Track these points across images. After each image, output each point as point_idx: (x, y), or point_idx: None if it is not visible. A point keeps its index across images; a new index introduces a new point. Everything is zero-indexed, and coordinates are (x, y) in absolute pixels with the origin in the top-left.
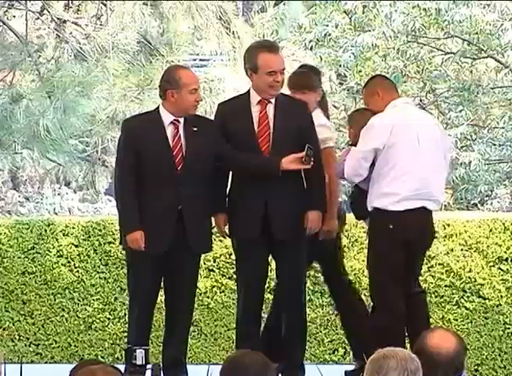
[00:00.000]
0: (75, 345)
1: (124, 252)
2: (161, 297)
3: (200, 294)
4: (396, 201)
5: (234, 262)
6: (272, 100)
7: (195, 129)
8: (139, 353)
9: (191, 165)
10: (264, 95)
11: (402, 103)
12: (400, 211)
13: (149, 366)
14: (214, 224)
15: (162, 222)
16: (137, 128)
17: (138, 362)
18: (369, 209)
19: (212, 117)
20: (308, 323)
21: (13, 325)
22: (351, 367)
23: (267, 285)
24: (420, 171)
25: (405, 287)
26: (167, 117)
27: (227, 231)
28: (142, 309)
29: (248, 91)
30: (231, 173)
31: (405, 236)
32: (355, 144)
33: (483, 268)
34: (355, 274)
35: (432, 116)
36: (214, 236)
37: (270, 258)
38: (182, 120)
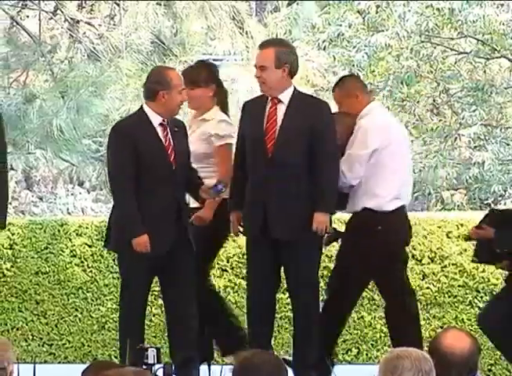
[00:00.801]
0: (88, 345)
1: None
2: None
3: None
4: (388, 201)
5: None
6: (285, 99)
7: (176, 130)
8: (151, 352)
9: (183, 165)
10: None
11: (379, 105)
12: (389, 211)
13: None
14: None
15: (162, 222)
16: (131, 130)
17: (150, 361)
18: (358, 209)
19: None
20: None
21: (27, 325)
22: (364, 367)
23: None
24: (404, 171)
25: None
26: (155, 119)
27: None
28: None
29: None
30: None
31: (391, 238)
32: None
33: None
34: None
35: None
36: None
37: None
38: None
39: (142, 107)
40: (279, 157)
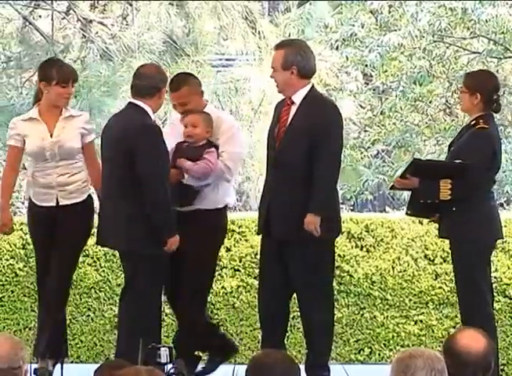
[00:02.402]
0: (101, 345)
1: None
2: None
3: (226, 293)
4: None
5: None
6: (297, 100)
7: None
8: (163, 351)
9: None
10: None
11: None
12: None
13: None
14: None
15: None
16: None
17: (163, 360)
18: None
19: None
20: (334, 323)
21: None
22: (376, 367)
23: None
24: None
25: None
26: (152, 116)
27: None
28: (159, 307)
29: None
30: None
31: None
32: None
33: (509, 268)
34: (380, 274)
35: None
36: (239, 236)
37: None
38: None
39: (136, 104)
40: (282, 157)
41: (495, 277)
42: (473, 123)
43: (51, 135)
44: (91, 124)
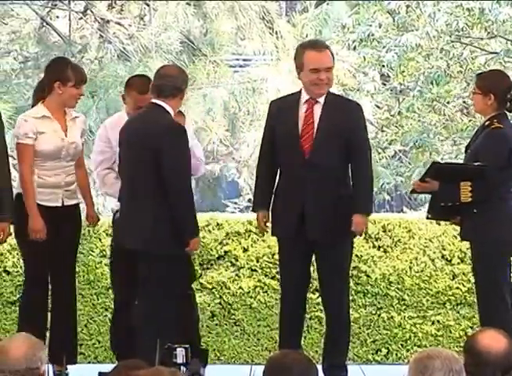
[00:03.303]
0: None
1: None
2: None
3: (243, 294)
4: None
5: (277, 262)
6: (321, 100)
7: None
8: (180, 352)
9: None
10: (310, 93)
11: None
12: None
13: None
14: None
15: None
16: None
17: (179, 360)
18: None
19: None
20: (351, 323)
21: None
22: (393, 368)
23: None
24: None
25: None
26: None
27: (268, 228)
28: (177, 307)
29: (300, 90)
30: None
31: None
32: None
33: None
34: (398, 274)
35: None
36: (257, 237)
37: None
38: None
39: (159, 105)
40: (317, 158)
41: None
42: (487, 123)
43: (65, 135)
44: (85, 126)
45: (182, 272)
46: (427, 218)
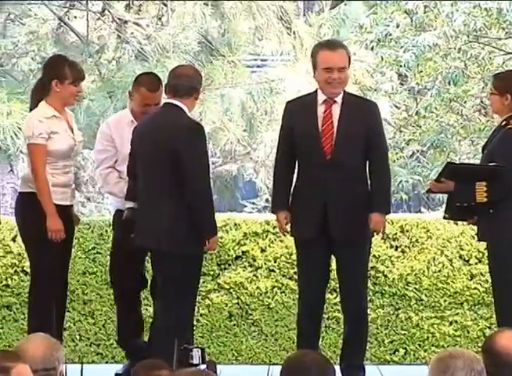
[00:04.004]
0: None
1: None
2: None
3: (261, 294)
4: None
5: (295, 262)
6: (338, 100)
7: None
8: (196, 352)
9: None
10: (325, 93)
11: None
12: None
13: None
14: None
15: None
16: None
17: (195, 361)
18: None
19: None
20: (369, 324)
21: (74, 325)
22: (411, 368)
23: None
24: None
25: None
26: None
27: (288, 229)
28: (193, 308)
29: (316, 90)
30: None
31: None
32: None
33: None
34: (415, 274)
35: None
36: (274, 237)
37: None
38: None
39: (175, 104)
40: (339, 158)
41: None
42: (504, 123)
43: (72, 134)
44: None
45: (198, 272)
46: (444, 218)
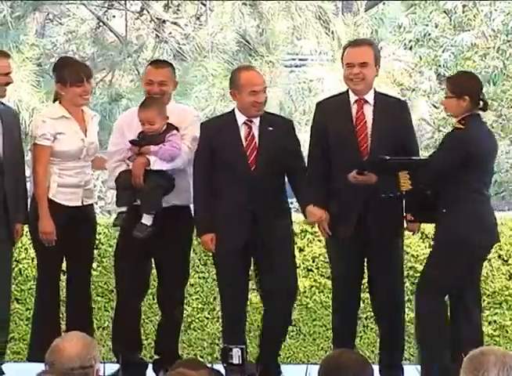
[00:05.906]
0: None
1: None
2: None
3: (299, 294)
4: None
5: None
6: (370, 100)
7: (270, 129)
8: (236, 352)
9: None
10: (351, 90)
11: None
12: None
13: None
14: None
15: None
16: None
17: (235, 361)
18: None
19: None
20: (407, 323)
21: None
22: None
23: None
24: None
25: None
26: (240, 118)
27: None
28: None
29: (347, 90)
30: None
31: None
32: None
33: None
34: None
35: None
36: (312, 237)
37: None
38: (256, 120)
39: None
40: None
41: None
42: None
43: (85, 136)
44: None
45: (230, 270)
46: (408, 221)
